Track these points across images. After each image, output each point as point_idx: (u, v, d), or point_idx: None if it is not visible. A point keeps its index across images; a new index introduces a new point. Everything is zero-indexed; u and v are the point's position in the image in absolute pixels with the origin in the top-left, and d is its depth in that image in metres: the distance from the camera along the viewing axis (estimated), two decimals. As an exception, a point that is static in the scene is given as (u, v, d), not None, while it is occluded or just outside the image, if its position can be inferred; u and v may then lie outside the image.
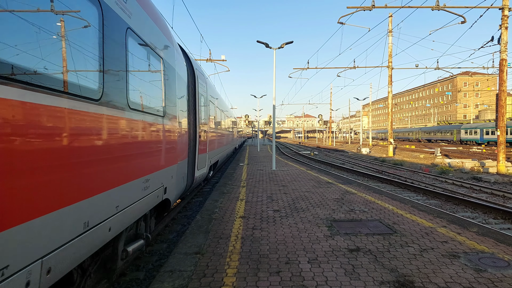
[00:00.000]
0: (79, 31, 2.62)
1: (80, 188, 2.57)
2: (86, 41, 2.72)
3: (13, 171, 1.89)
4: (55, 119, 2.28)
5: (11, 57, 1.92)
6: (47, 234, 2.20)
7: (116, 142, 3.21)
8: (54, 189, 2.27)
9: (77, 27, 2.60)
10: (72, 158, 2.46)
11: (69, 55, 2.48)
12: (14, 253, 1.88)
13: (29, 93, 2.04)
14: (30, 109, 2.04)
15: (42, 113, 2.15)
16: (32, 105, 2.06)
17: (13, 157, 1.90)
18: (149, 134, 4.19)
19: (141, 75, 3.96)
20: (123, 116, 3.37)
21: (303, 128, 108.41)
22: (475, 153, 30.80)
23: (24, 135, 1.99)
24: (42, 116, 2.16)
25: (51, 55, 2.28)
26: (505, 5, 16.54)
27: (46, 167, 2.18)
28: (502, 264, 4.15)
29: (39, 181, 2.12)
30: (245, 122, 55.93)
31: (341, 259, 4.31)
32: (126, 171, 3.46)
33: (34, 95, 2.07)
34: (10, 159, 1.87)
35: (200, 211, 7.03)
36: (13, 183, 1.89)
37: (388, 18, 27.91)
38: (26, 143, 2.01)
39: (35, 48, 2.12)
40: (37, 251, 2.10)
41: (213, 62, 24.20)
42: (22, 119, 1.98)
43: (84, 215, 2.65)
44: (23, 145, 1.98)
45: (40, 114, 2.13)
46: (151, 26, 4.43)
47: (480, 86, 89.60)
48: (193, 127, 7.52)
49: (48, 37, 2.24)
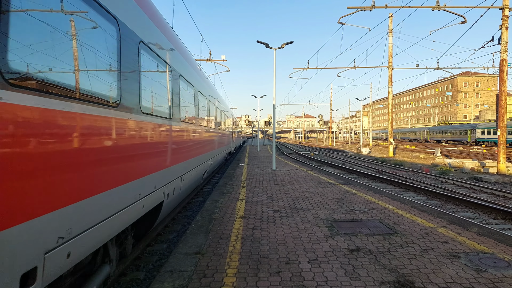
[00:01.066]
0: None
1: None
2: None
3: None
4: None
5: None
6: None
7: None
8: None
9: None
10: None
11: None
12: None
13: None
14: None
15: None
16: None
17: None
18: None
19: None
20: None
21: (303, 128, 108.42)
22: (476, 153, 30.80)
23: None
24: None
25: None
26: (505, 5, 16.53)
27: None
28: (502, 265, 4.14)
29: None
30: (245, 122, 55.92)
31: (341, 259, 4.30)
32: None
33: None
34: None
35: (200, 211, 7.03)
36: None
37: (388, 18, 27.91)
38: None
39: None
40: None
41: (213, 62, 24.20)
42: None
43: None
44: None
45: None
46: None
47: (481, 86, 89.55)
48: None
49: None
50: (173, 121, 5.47)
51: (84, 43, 2.74)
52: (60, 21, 2.43)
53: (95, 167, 2.84)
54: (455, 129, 57.46)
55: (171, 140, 5.36)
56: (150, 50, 4.41)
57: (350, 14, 19.21)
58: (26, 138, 2.04)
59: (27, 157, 2.05)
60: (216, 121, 12.80)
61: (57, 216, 2.30)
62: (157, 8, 5.26)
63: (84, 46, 2.73)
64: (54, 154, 2.30)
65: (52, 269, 2.27)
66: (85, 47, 2.76)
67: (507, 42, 16.67)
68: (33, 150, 2.10)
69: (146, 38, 4.26)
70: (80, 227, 2.61)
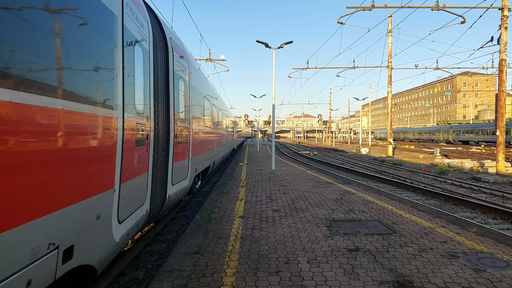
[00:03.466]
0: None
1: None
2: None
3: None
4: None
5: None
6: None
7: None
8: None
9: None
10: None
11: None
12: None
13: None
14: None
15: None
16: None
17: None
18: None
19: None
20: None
21: (303, 128, 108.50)
22: (475, 153, 30.84)
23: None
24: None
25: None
26: (504, 5, 16.55)
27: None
28: (501, 264, 4.15)
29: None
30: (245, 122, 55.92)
31: (340, 259, 4.31)
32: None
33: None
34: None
35: (199, 211, 7.02)
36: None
37: (388, 18, 27.92)
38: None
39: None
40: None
41: (212, 61, 24.18)
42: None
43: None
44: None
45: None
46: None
47: (480, 86, 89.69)
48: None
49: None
50: (216, 129, 11.95)
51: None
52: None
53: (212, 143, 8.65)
54: (484, 128, 44.00)
55: (214, 138, 11.60)
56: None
57: (349, 14, 19.22)
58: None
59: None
60: (227, 126, 19.75)
61: (209, 155, 5.18)
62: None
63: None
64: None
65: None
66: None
67: (506, 42, 16.69)
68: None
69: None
70: (217, 159, 9.30)
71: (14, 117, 1.97)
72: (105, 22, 3.15)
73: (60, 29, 2.42)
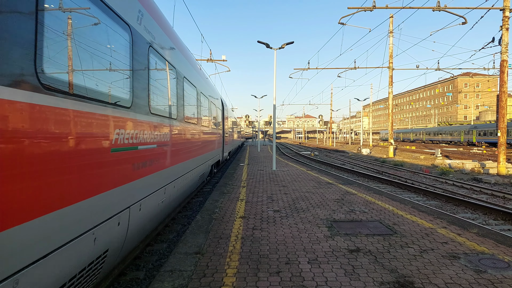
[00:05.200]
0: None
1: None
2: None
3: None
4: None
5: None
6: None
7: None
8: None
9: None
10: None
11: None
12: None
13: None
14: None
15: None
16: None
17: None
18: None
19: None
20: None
21: (304, 128, 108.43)
22: (476, 154, 30.78)
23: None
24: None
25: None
26: (506, 6, 16.53)
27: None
28: (502, 265, 4.14)
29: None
30: (246, 122, 55.96)
31: (341, 260, 4.31)
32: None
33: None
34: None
35: (200, 211, 7.03)
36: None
37: (389, 19, 27.90)
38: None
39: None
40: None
41: (213, 62, 24.20)
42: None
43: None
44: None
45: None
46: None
47: (481, 87, 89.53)
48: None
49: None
50: (225, 132, 16.17)
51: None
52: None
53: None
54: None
55: (225, 139, 15.97)
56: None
57: (350, 14, 19.23)
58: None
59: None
60: (233, 127, 24.67)
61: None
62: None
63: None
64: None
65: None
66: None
67: (507, 43, 16.66)
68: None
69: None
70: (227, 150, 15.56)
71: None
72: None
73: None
